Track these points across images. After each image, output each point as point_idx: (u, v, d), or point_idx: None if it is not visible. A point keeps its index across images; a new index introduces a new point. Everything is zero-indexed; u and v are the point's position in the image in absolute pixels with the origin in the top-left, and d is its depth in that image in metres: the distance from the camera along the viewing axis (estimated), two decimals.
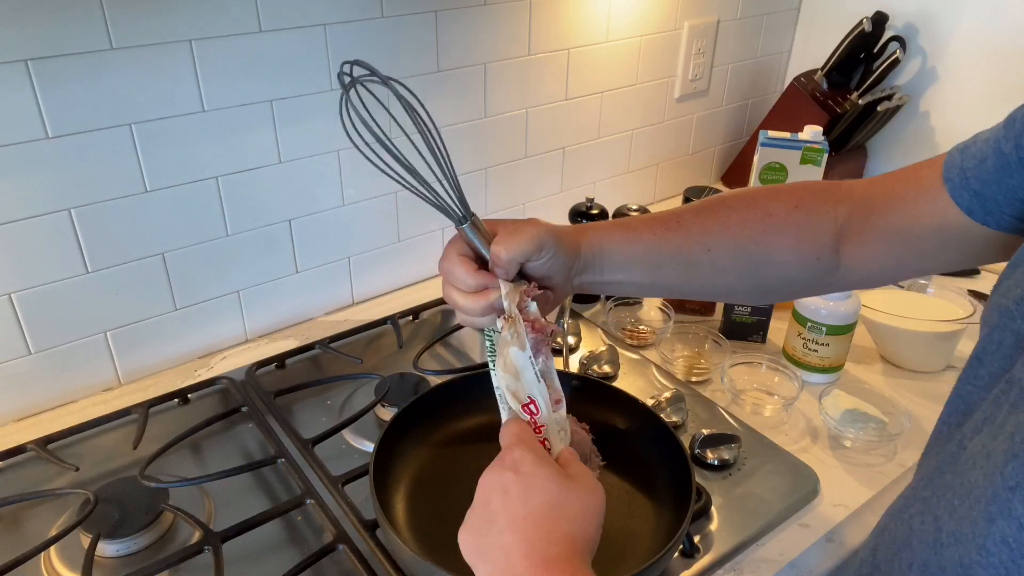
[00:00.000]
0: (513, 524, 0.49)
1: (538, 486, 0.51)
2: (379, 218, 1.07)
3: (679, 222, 0.63)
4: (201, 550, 0.69)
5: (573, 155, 1.26)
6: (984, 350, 0.48)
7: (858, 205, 0.62)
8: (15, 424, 0.86)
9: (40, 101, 0.75)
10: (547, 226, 0.59)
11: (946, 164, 0.56)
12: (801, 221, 0.62)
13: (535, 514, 0.49)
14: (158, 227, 0.88)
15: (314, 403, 0.95)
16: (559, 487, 0.51)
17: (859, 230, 0.61)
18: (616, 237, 0.62)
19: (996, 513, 0.38)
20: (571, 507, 0.51)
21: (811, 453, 0.85)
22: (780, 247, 0.63)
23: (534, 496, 0.50)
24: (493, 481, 0.52)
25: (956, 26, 1.28)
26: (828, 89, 1.37)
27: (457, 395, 0.82)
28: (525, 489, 0.50)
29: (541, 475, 0.51)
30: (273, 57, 0.88)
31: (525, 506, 0.50)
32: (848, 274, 0.63)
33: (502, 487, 0.51)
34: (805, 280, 0.65)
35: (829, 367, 0.95)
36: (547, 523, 0.49)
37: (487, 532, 0.51)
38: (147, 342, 0.93)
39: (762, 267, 0.64)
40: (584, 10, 1.15)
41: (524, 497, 0.50)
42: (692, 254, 0.63)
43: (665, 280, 0.65)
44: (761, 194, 0.65)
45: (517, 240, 0.56)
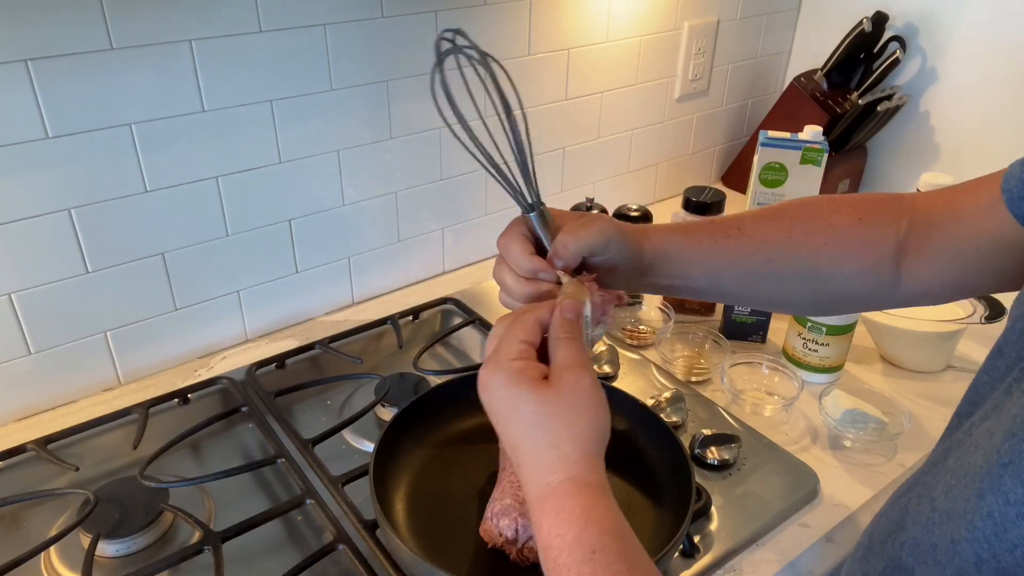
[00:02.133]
0: (509, 449, 0.48)
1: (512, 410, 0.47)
2: (379, 218, 1.07)
3: (740, 229, 0.62)
4: (201, 550, 0.69)
5: (573, 155, 1.26)
6: (1005, 340, 0.48)
7: (919, 219, 0.61)
8: (15, 424, 0.86)
9: (40, 101, 0.75)
10: (615, 222, 0.58)
11: (1005, 177, 0.55)
12: (863, 234, 0.62)
13: (522, 444, 0.47)
14: (158, 227, 0.88)
15: (314, 403, 0.95)
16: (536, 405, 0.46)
17: (919, 245, 0.61)
18: (677, 241, 0.62)
19: (986, 489, 0.38)
20: (556, 424, 0.46)
21: (811, 453, 0.85)
22: (841, 260, 0.62)
23: (514, 425, 0.47)
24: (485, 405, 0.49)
25: (956, 26, 1.28)
26: (828, 89, 1.37)
27: (457, 395, 0.82)
28: (505, 416, 0.48)
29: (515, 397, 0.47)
30: (273, 57, 0.88)
31: (509, 438, 0.47)
32: (909, 290, 0.62)
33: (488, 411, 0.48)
34: (865, 294, 0.64)
35: (829, 367, 0.95)
36: (532, 451, 0.46)
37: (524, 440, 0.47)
38: (147, 342, 0.93)
39: (822, 279, 0.63)
40: (584, 10, 1.15)
41: (505, 423, 0.48)
42: (752, 263, 0.62)
43: (723, 287, 0.64)
44: (824, 204, 0.64)
45: (586, 232, 0.56)
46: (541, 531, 0.44)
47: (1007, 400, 0.43)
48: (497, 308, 1.08)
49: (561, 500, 0.45)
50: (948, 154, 1.35)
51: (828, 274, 0.62)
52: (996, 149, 1.27)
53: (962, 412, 0.50)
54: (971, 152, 1.31)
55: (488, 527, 0.65)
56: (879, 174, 1.46)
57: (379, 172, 1.04)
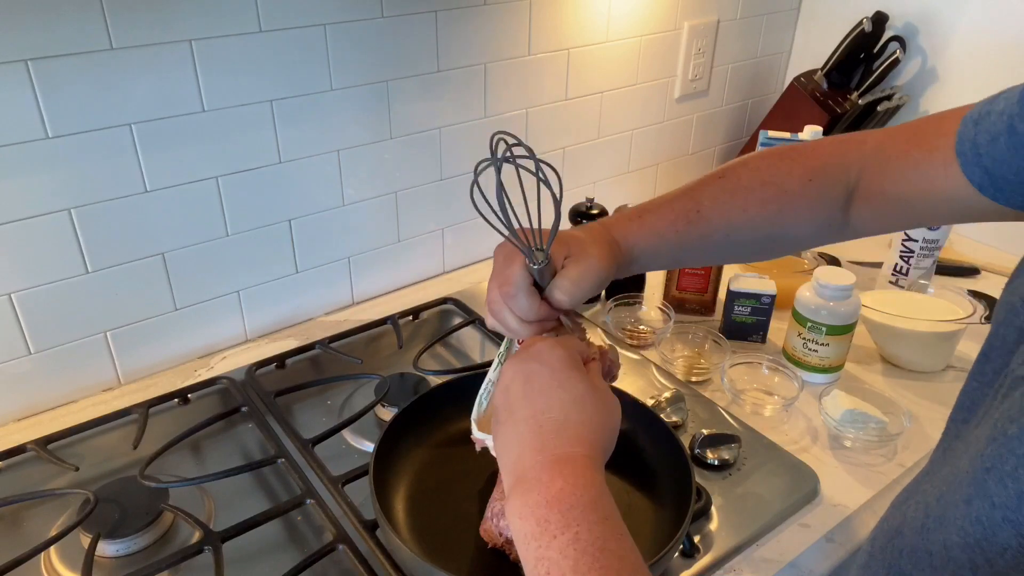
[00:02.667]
0: (531, 416, 0.49)
1: (563, 382, 0.51)
2: (379, 218, 1.07)
3: (699, 212, 0.65)
4: (201, 550, 0.69)
5: (573, 155, 1.26)
6: (990, 346, 0.48)
7: (870, 167, 0.62)
8: (15, 424, 0.86)
9: (40, 101, 0.75)
10: (607, 260, 0.60)
11: (959, 136, 0.55)
12: (815, 193, 0.64)
13: (553, 409, 0.49)
14: (158, 227, 0.88)
15: (314, 403, 0.95)
16: (584, 388, 0.51)
17: (869, 193, 0.63)
18: (643, 239, 0.65)
19: (973, 494, 0.39)
20: (591, 410, 0.50)
21: (811, 453, 0.85)
22: (795, 221, 0.65)
23: (556, 391, 0.50)
24: (516, 369, 0.52)
25: (956, 26, 1.28)
26: (828, 89, 1.37)
27: (457, 395, 0.82)
28: (549, 382, 0.51)
29: (567, 372, 0.51)
30: (273, 57, 0.88)
31: (546, 399, 0.50)
32: (855, 230, 0.66)
33: (524, 375, 0.51)
34: (814, 239, 0.69)
35: (829, 367, 0.95)
36: (565, 421, 0.49)
37: (506, 419, 0.51)
38: (147, 342, 0.93)
39: (776, 238, 0.67)
40: (584, 10, 1.15)
41: (546, 391, 0.50)
42: (712, 240, 0.66)
43: (685, 263, 0.73)
44: (776, 166, 0.66)
45: (580, 288, 0.58)
46: (552, 487, 0.45)
47: (995, 406, 0.43)
48: None
49: (583, 467, 0.47)
50: None
51: (782, 233, 0.66)
52: None
53: (956, 418, 0.51)
54: None
55: (488, 527, 0.65)
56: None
57: (379, 172, 1.04)
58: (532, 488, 0.46)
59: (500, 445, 0.51)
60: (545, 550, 0.43)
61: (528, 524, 0.44)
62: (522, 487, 0.46)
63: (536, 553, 0.43)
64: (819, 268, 0.94)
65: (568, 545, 0.43)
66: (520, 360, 0.53)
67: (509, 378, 0.52)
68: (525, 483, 0.46)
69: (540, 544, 0.43)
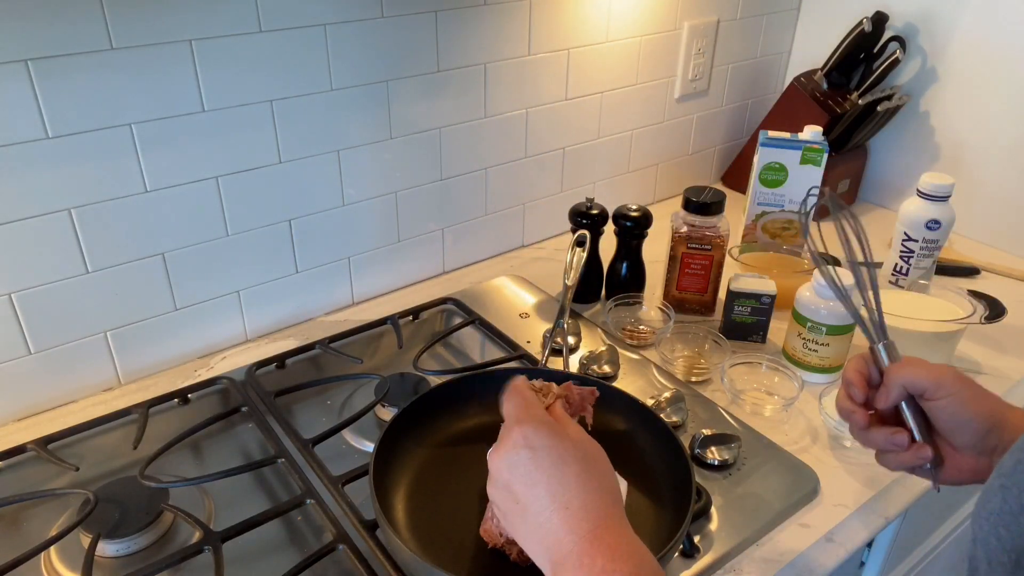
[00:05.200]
0: (549, 504, 0.49)
1: (559, 455, 0.51)
2: (379, 218, 1.07)
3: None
4: (201, 550, 0.69)
5: (573, 155, 1.26)
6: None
7: None
8: (15, 424, 0.86)
9: (40, 101, 0.75)
10: (962, 376, 0.60)
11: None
12: None
13: (570, 486, 0.50)
14: (158, 227, 0.88)
15: (314, 403, 0.95)
16: (576, 448, 0.52)
17: None
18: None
19: None
20: (594, 465, 0.52)
21: (811, 453, 0.85)
22: None
23: (559, 469, 0.50)
24: (511, 464, 0.52)
25: (956, 26, 1.28)
26: (828, 89, 1.37)
27: (457, 395, 0.82)
28: (551, 463, 0.51)
29: (559, 446, 0.51)
30: (273, 57, 0.88)
31: (556, 482, 0.50)
32: None
33: (523, 472, 0.51)
34: None
35: (829, 367, 0.95)
36: (584, 491, 0.50)
37: (523, 520, 0.51)
38: (147, 342, 0.93)
39: None
40: (584, 10, 1.15)
41: (552, 472, 0.50)
42: None
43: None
44: None
45: (914, 368, 0.59)
46: (594, 568, 0.46)
47: None
48: (496, 308, 1.08)
49: (616, 533, 0.48)
50: (948, 154, 1.35)
51: None
52: (996, 149, 1.27)
53: None
54: (971, 152, 1.31)
55: (488, 527, 0.65)
56: (879, 174, 1.46)
57: (379, 172, 1.04)
58: (575, 572, 0.47)
59: (523, 538, 0.51)
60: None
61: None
62: (564, 573, 0.47)
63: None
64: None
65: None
66: (508, 452, 0.52)
67: (506, 475, 0.52)
68: (565, 569, 0.47)
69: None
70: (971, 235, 1.34)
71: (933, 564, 1.11)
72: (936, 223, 1.07)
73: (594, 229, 1.06)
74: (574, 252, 1.01)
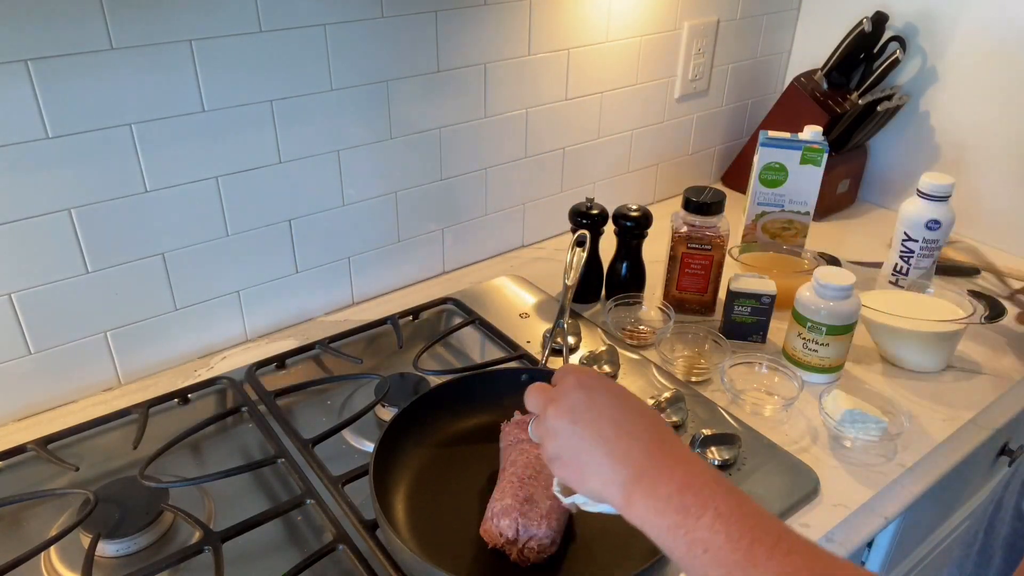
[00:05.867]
0: (615, 433, 0.51)
1: (616, 392, 0.54)
2: (379, 218, 1.07)
3: None
4: (201, 550, 0.69)
5: (573, 155, 1.26)
6: None
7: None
8: (15, 424, 0.86)
9: (40, 101, 0.75)
10: None
11: None
12: None
13: (631, 413, 0.53)
14: (158, 227, 0.88)
15: (314, 403, 0.95)
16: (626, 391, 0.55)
17: None
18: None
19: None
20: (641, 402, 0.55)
21: (811, 453, 0.85)
22: None
23: (618, 401, 0.53)
24: (571, 407, 0.53)
25: (956, 26, 1.28)
26: (828, 89, 1.37)
27: (457, 395, 0.82)
28: (607, 399, 0.53)
29: (609, 384, 0.55)
30: (273, 57, 0.88)
31: (618, 410, 0.53)
32: None
33: (583, 411, 0.53)
34: None
35: (829, 367, 0.95)
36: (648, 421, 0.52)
37: (591, 456, 0.52)
38: (147, 342, 0.93)
39: None
40: (584, 10, 1.15)
41: (610, 406, 0.53)
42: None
43: None
44: None
45: None
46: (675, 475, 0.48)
47: None
48: (496, 308, 1.08)
49: (686, 451, 0.51)
50: (948, 154, 1.35)
51: None
52: (996, 149, 1.27)
53: None
54: (971, 152, 1.31)
55: (488, 527, 0.65)
56: (879, 174, 1.46)
57: (379, 172, 1.04)
58: (657, 484, 0.48)
59: (592, 475, 0.51)
60: (694, 532, 0.45)
61: (667, 517, 0.47)
62: (644, 487, 0.48)
63: (686, 539, 0.45)
64: (819, 268, 0.94)
65: (715, 520, 0.45)
66: (559, 404, 0.54)
67: (567, 423, 0.53)
68: (645, 483, 0.48)
69: (687, 529, 0.45)
70: (971, 235, 1.34)
71: (933, 564, 1.11)
72: (936, 223, 1.07)
73: (594, 229, 1.06)
74: (574, 252, 1.01)
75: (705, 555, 0.44)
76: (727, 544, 0.44)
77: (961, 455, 0.86)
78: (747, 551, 0.43)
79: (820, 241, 1.30)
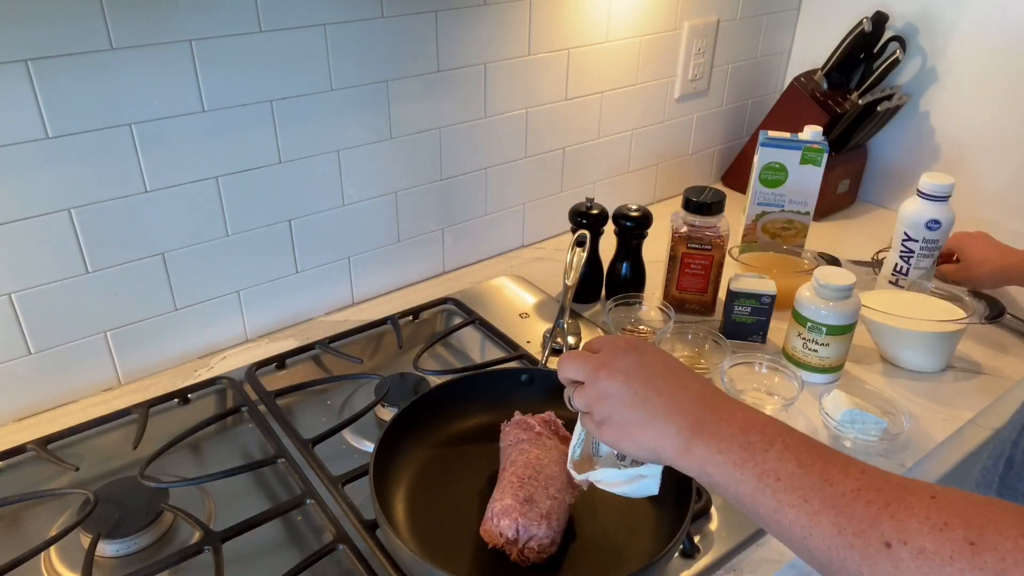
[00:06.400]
0: (668, 386, 0.53)
1: (661, 354, 0.56)
2: (379, 218, 1.07)
3: None
4: (201, 550, 0.69)
5: (573, 155, 1.26)
6: None
7: None
8: (15, 424, 0.86)
9: (40, 101, 0.75)
10: None
11: None
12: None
13: (676, 372, 0.54)
14: (158, 227, 0.88)
15: (314, 403, 0.95)
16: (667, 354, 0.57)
17: None
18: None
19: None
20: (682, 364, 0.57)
21: None
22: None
23: (666, 361, 0.55)
24: (624, 368, 0.54)
25: (956, 26, 1.28)
26: (828, 89, 1.37)
27: (457, 395, 0.82)
28: (658, 359, 0.55)
29: (653, 347, 0.56)
30: (273, 57, 0.88)
31: (670, 371, 0.54)
32: None
33: (637, 369, 0.54)
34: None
35: (829, 367, 0.95)
36: (687, 377, 0.54)
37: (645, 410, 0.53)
38: (147, 342, 0.93)
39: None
40: (584, 10, 1.15)
41: (661, 364, 0.55)
42: None
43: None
44: None
45: None
46: (735, 416, 0.50)
47: None
48: (496, 308, 1.08)
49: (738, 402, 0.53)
50: (948, 154, 1.35)
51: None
52: (996, 149, 1.27)
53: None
54: (971, 152, 1.31)
55: (488, 527, 0.65)
56: (879, 174, 1.46)
57: (379, 172, 1.04)
58: (719, 426, 0.50)
59: (648, 426, 0.52)
60: (763, 464, 0.46)
61: (733, 455, 0.48)
62: (706, 432, 0.50)
63: (755, 472, 0.46)
64: (819, 268, 0.94)
65: (784, 451, 0.46)
66: (612, 367, 0.55)
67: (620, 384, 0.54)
68: (705, 428, 0.50)
69: (755, 463, 0.47)
70: None
71: None
72: (936, 223, 1.07)
73: (594, 229, 1.06)
74: (574, 252, 1.01)
75: (778, 483, 0.45)
76: (799, 470, 0.45)
77: (961, 455, 0.86)
78: (821, 473, 0.45)
79: (820, 241, 1.30)
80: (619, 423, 0.54)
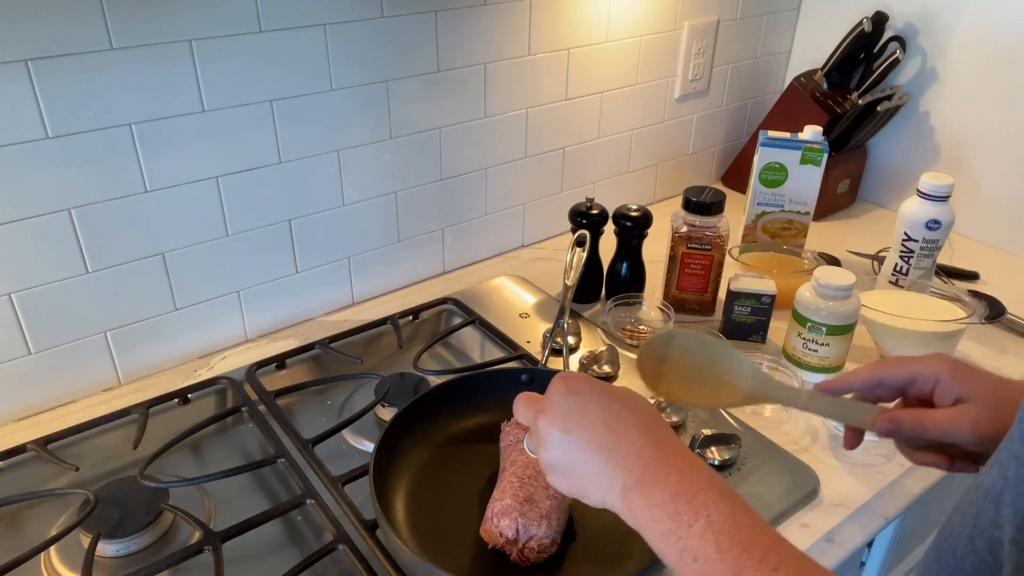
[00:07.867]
0: (609, 437, 0.51)
1: (605, 394, 0.54)
2: (379, 218, 1.07)
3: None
4: (201, 550, 0.69)
5: (573, 155, 1.26)
6: None
7: None
8: (15, 424, 0.86)
9: (40, 101, 0.75)
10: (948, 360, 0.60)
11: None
12: None
13: (625, 416, 0.52)
14: (158, 227, 0.88)
15: (314, 403, 0.95)
16: (616, 391, 0.55)
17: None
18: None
19: None
20: (636, 400, 0.55)
21: (811, 453, 0.85)
22: None
23: (608, 404, 0.53)
24: (562, 414, 0.53)
25: (956, 26, 1.28)
26: (828, 89, 1.37)
27: (457, 395, 0.82)
28: (598, 402, 0.53)
29: (598, 386, 0.54)
30: (273, 57, 0.88)
31: (612, 416, 0.52)
32: None
33: (575, 417, 0.53)
34: None
35: (829, 367, 0.95)
36: (642, 423, 0.52)
37: (586, 462, 0.52)
38: (147, 342, 0.93)
39: None
40: (584, 10, 1.15)
41: (601, 408, 0.53)
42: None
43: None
44: None
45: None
46: (669, 481, 0.48)
47: None
48: (496, 308, 1.08)
49: (682, 454, 0.51)
50: (948, 154, 1.35)
51: None
52: (996, 149, 1.27)
53: None
54: (971, 152, 1.31)
55: (488, 527, 0.65)
56: (879, 174, 1.46)
57: (379, 172, 1.04)
58: (653, 489, 0.48)
59: (588, 481, 0.52)
60: (685, 540, 0.45)
61: (660, 523, 0.47)
62: (640, 492, 0.48)
63: (678, 546, 0.46)
64: (819, 268, 0.94)
65: (705, 529, 0.45)
66: (550, 412, 0.54)
67: (558, 431, 0.53)
68: (641, 488, 0.49)
69: (679, 536, 0.46)
70: (971, 235, 1.34)
71: None
72: (936, 223, 1.07)
73: (594, 229, 1.06)
74: (574, 252, 1.01)
75: (695, 564, 0.45)
76: (716, 555, 0.44)
77: None
78: (734, 563, 0.44)
79: (820, 241, 1.30)
80: (564, 473, 0.53)
